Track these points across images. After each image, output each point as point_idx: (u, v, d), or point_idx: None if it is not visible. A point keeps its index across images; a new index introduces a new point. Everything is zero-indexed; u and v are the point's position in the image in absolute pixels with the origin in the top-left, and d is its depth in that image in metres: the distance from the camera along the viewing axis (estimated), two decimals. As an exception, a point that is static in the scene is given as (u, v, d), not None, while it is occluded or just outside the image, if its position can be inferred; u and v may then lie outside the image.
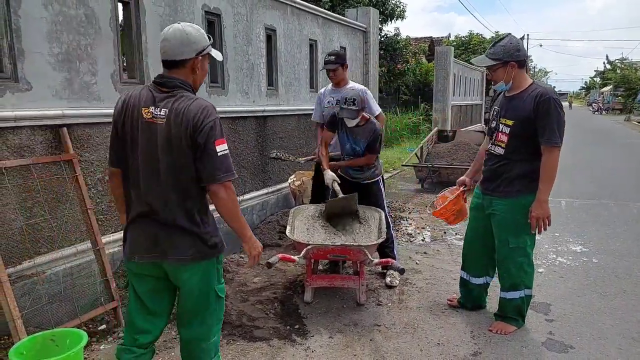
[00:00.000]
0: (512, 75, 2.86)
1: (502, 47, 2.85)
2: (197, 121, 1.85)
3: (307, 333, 3.10)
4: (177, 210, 1.92)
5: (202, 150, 1.86)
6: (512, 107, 2.90)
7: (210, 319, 2.08)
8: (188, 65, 1.95)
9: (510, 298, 3.11)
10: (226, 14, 4.56)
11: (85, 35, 3.15)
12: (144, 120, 1.89)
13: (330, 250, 3.27)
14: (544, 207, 2.84)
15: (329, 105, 4.32)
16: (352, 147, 3.93)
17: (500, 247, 3.06)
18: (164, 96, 1.91)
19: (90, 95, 3.21)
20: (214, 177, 1.88)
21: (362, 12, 8.13)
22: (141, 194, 1.93)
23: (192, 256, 1.95)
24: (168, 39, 1.93)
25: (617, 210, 6.50)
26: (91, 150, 3.23)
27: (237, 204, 2.00)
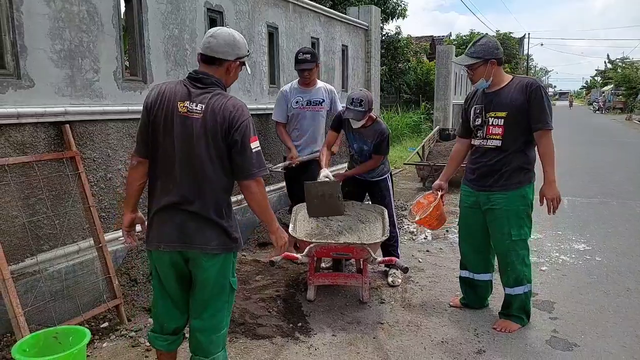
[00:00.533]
0: (492, 73, 2.96)
1: (482, 45, 2.97)
2: (233, 118, 1.96)
3: (310, 331, 3.09)
4: (209, 201, 2.01)
5: (239, 146, 1.96)
6: (500, 100, 2.97)
7: (222, 310, 2.14)
8: (225, 66, 2.06)
9: (516, 294, 3.10)
10: (228, 12, 4.55)
11: (88, 32, 3.14)
12: (179, 114, 1.97)
13: (334, 248, 3.26)
14: (554, 187, 2.97)
15: (297, 105, 4.17)
16: (360, 147, 3.87)
17: (502, 241, 3.06)
18: (200, 92, 2.00)
19: (92, 92, 3.20)
20: (249, 172, 2.00)
21: (364, 11, 8.12)
22: (175, 184, 1.99)
23: (216, 247, 2.03)
24: (215, 36, 2.04)
25: (619, 208, 6.49)
26: (93, 148, 3.22)
27: (267, 197, 2.11)
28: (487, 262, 3.31)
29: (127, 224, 2.22)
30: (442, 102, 14.55)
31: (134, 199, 2.17)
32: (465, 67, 3.04)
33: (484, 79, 2.98)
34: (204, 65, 2.06)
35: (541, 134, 2.91)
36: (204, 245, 2.02)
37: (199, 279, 2.08)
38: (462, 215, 3.32)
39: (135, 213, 2.22)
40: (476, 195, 3.14)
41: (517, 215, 3.01)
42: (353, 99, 3.63)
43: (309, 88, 4.18)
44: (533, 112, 2.88)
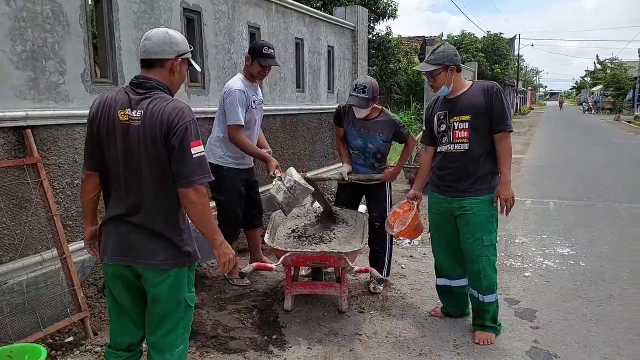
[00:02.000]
0: (452, 79, 2.97)
1: (441, 52, 2.98)
2: (172, 122, 1.84)
3: (285, 344, 2.99)
4: (155, 213, 1.91)
5: (177, 152, 1.84)
6: (463, 105, 2.98)
7: (177, 327, 2.04)
8: (167, 66, 1.95)
9: (489, 302, 3.03)
10: (206, 11, 4.43)
11: (52, 32, 3.01)
12: (120, 123, 1.88)
13: (310, 257, 3.16)
14: (509, 187, 2.96)
15: (255, 105, 3.65)
16: (363, 144, 3.62)
17: (475, 246, 3.00)
18: (140, 97, 1.90)
19: (57, 95, 3.07)
20: (187, 179, 1.86)
21: (351, 11, 8.01)
22: (121, 195, 1.92)
23: (163, 262, 1.93)
24: (149, 37, 1.95)
25: (605, 211, 6.45)
26: (59, 153, 3.09)
27: (209, 207, 1.96)
28: (462, 267, 3.22)
29: (87, 237, 2.14)
30: (432, 103, 14.49)
31: (90, 212, 2.10)
32: (426, 75, 3.04)
33: (445, 85, 2.99)
34: (145, 70, 1.97)
35: (501, 136, 2.94)
36: (149, 260, 1.92)
37: (150, 294, 1.98)
38: (433, 222, 3.25)
39: (95, 225, 2.12)
40: (448, 201, 3.07)
41: (487, 220, 3.00)
42: (357, 85, 3.46)
43: (255, 84, 3.72)
44: (494, 115, 2.91)
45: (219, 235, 2.00)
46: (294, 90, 6.20)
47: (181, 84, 2.09)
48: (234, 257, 2.06)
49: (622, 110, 35.19)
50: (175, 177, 1.87)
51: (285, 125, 5.98)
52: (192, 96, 4.34)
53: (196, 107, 4.05)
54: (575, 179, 8.87)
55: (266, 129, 5.54)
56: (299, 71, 6.37)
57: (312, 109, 6.64)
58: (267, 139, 5.55)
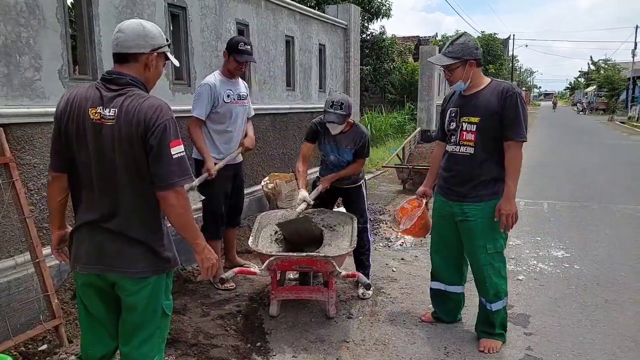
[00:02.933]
0: (470, 74, 2.76)
1: (461, 45, 2.75)
2: (149, 121, 1.72)
3: (269, 352, 2.87)
4: (132, 218, 1.78)
5: (155, 152, 1.72)
6: (474, 105, 2.79)
7: (153, 337, 1.92)
8: (141, 61, 1.83)
9: (497, 310, 2.91)
10: (192, 7, 4.30)
11: (27, 26, 2.88)
12: (92, 122, 1.75)
13: (296, 261, 3.05)
14: (513, 203, 2.76)
15: (229, 100, 3.60)
16: (336, 158, 3.66)
17: (478, 254, 2.86)
18: (113, 95, 1.76)
19: (32, 92, 2.94)
20: (167, 181, 1.74)
21: (343, 9, 7.91)
22: (94, 199, 1.78)
23: (142, 270, 1.81)
24: (122, 30, 1.82)
25: (600, 213, 6.38)
26: (34, 153, 2.96)
27: (190, 210, 1.83)
28: (460, 274, 3.12)
29: (55, 242, 2.01)
30: (426, 103, 14.42)
31: (57, 216, 1.96)
32: (442, 67, 2.83)
33: (461, 81, 2.78)
34: (118, 65, 1.83)
35: (510, 145, 2.72)
36: (127, 269, 1.80)
37: (126, 303, 1.86)
38: (435, 225, 3.12)
39: (63, 229, 1.99)
40: (449, 205, 2.94)
41: (491, 227, 2.81)
42: (333, 102, 3.40)
43: (234, 80, 3.69)
44: (505, 121, 2.69)
45: (201, 240, 1.89)
46: (284, 88, 6.09)
47: (157, 80, 1.95)
48: (217, 262, 1.95)
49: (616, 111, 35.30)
50: (153, 179, 1.75)
51: (275, 125, 5.86)
52: (177, 94, 4.22)
53: (182, 106, 3.94)
54: (569, 180, 8.80)
55: (256, 128, 5.41)
56: (290, 69, 6.26)
57: (303, 108, 6.53)
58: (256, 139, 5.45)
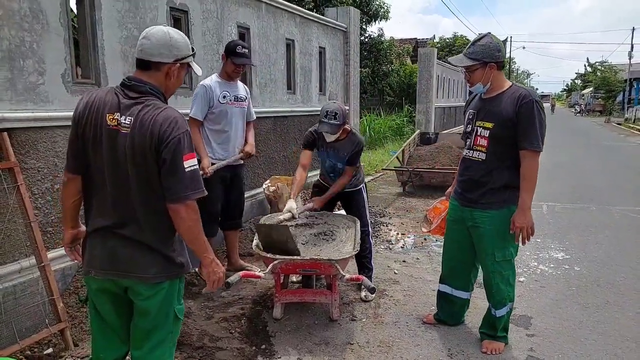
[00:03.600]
0: (491, 77, 2.71)
1: (482, 46, 2.68)
2: (163, 134, 1.71)
3: (274, 354, 2.88)
4: (145, 225, 1.79)
5: (169, 165, 1.72)
6: (491, 110, 2.73)
7: (165, 342, 1.93)
8: (163, 70, 1.82)
9: (500, 316, 2.91)
10: (194, 11, 4.32)
11: (31, 31, 2.89)
12: (108, 127, 1.75)
13: (300, 264, 3.06)
14: (528, 215, 2.68)
15: (225, 101, 3.66)
16: (332, 164, 3.68)
17: (487, 262, 2.86)
18: (131, 102, 1.76)
19: (37, 96, 2.95)
20: (179, 194, 1.74)
21: (343, 12, 7.94)
22: (107, 205, 1.79)
23: (155, 275, 1.82)
24: (149, 37, 1.81)
25: (599, 214, 6.41)
26: (38, 157, 2.96)
27: (200, 224, 1.83)
28: (467, 280, 3.11)
29: (67, 240, 2.00)
30: (424, 105, 14.46)
31: (70, 216, 1.95)
32: (462, 68, 2.79)
33: (481, 83, 2.71)
34: (139, 71, 1.82)
35: (525, 155, 2.63)
36: (141, 274, 1.80)
37: (139, 307, 1.87)
38: (447, 229, 3.10)
39: (76, 228, 1.99)
40: (461, 210, 2.92)
41: (500, 236, 2.78)
42: (327, 112, 3.42)
43: (232, 82, 3.75)
44: (520, 129, 2.61)
45: (209, 253, 1.89)
46: (285, 91, 6.11)
47: (176, 89, 1.95)
48: (223, 275, 1.96)
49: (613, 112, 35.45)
50: (165, 191, 1.75)
51: (276, 128, 5.88)
52: (180, 97, 4.23)
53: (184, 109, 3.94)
54: (567, 182, 8.84)
55: (257, 131, 5.44)
56: (290, 72, 6.28)
57: (303, 110, 6.55)
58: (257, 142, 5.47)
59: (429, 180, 7.81)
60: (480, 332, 3.06)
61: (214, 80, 3.69)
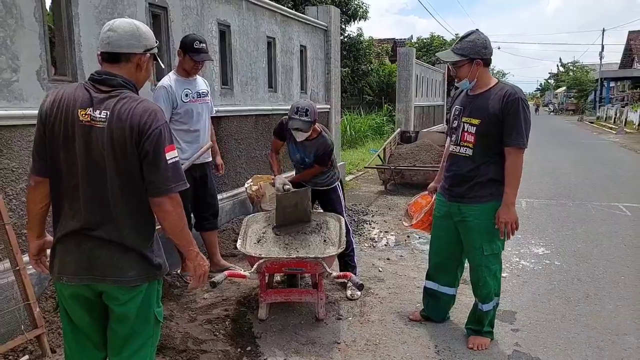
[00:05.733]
0: (477, 74, 2.72)
1: (469, 42, 2.70)
2: (144, 126, 1.66)
3: (260, 356, 2.84)
4: (124, 223, 1.72)
5: (151, 158, 1.67)
6: (477, 106, 2.75)
7: (145, 346, 1.87)
8: (134, 61, 1.77)
9: (487, 310, 2.94)
10: (173, 7, 4.23)
11: (4, 26, 2.77)
12: (81, 124, 1.68)
13: (285, 263, 3.03)
14: (512, 211, 2.72)
15: (188, 99, 3.57)
16: (302, 158, 3.67)
17: (474, 255, 2.88)
18: (104, 96, 1.70)
19: (10, 94, 2.84)
20: (163, 187, 1.69)
21: (323, 11, 7.91)
22: (80, 207, 1.71)
23: (135, 278, 1.75)
24: (114, 29, 1.75)
25: (575, 210, 6.55)
26: (12, 157, 2.85)
27: (184, 217, 1.79)
28: (453, 276, 3.12)
29: (34, 251, 1.90)
30: (404, 104, 14.55)
31: (37, 224, 1.85)
32: (450, 64, 2.80)
33: (467, 79, 2.74)
34: (108, 65, 1.75)
35: (509, 151, 2.68)
36: (119, 278, 1.73)
37: (116, 312, 1.79)
38: (434, 226, 3.11)
39: (42, 237, 1.90)
40: (448, 205, 2.94)
41: (488, 230, 2.80)
42: (298, 108, 3.36)
43: (191, 78, 3.64)
44: (506, 126, 2.65)
45: (195, 247, 1.84)
46: (266, 90, 6.05)
47: (146, 81, 1.91)
48: (208, 269, 1.91)
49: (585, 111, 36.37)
50: (147, 185, 1.70)
51: (257, 126, 5.82)
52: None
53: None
54: (545, 179, 9.01)
55: (238, 130, 5.38)
56: (271, 71, 6.23)
57: (285, 109, 6.46)
58: (239, 140, 5.41)
59: (410, 178, 7.86)
60: (466, 328, 3.07)
61: (173, 79, 3.56)
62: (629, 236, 5.29)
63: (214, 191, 3.99)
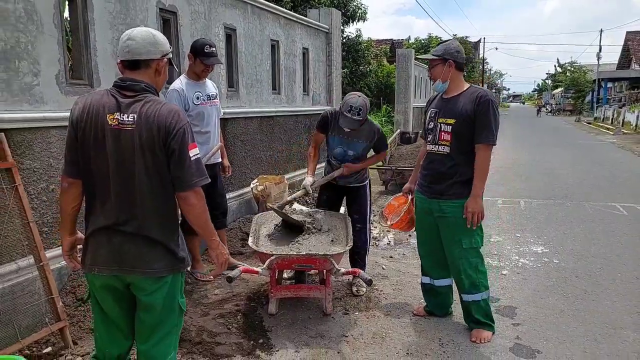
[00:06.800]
0: (450, 75, 2.98)
1: (445, 46, 3.02)
2: (170, 126, 1.80)
3: (272, 348, 2.96)
4: (152, 219, 1.86)
5: (177, 156, 1.82)
6: (451, 107, 3.00)
7: (170, 335, 2.01)
8: (153, 66, 1.90)
9: (473, 301, 3.08)
10: (182, 12, 4.35)
11: (26, 32, 2.89)
12: (110, 127, 1.81)
13: (295, 260, 3.14)
14: (479, 202, 2.94)
15: (199, 102, 3.68)
16: (343, 151, 3.66)
17: (453, 249, 3.06)
18: (130, 101, 1.83)
19: (32, 97, 2.95)
20: (188, 182, 1.84)
21: (325, 13, 8.04)
22: (110, 205, 1.84)
23: (161, 270, 1.89)
24: (134, 37, 1.88)
25: (573, 210, 6.68)
26: (33, 157, 2.97)
27: (207, 210, 1.96)
28: (445, 267, 3.26)
29: (66, 248, 2.04)
30: (403, 105, 14.69)
31: (69, 222, 1.99)
32: (428, 66, 3.07)
33: (440, 80, 2.99)
34: (129, 72, 1.89)
35: (480, 147, 2.91)
36: (146, 269, 1.87)
37: (144, 302, 1.92)
38: (418, 221, 3.30)
39: (74, 235, 2.03)
40: (428, 202, 3.12)
41: (466, 224, 2.97)
42: (352, 107, 3.37)
43: (201, 81, 3.75)
44: (477, 125, 2.89)
45: (216, 237, 2.03)
46: (270, 92, 6.17)
47: (164, 84, 2.05)
48: (228, 257, 2.09)
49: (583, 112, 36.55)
50: (174, 181, 1.85)
51: (262, 128, 5.94)
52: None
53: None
54: (542, 179, 9.15)
55: (243, 131, 5.50)
56: (275, 73, 6.35)
57: (288, 110, 6.63)
58: (244, 142, 5.53)
59: (411, 179, 7.98)
60: (466, 321, 3.21)
61: (184, 82, 3.67)
62: (626, 235, 5.43)
63: (223, 191, 4.10)
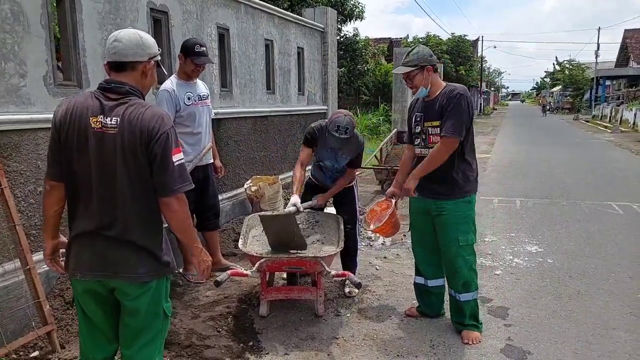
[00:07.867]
0: (430, 80, 2.99)
1: (416, 54, 3.01)
2: (153, 130, 1.77)
3: (262, 350, 2.94)
4: (135, 223, 1.83)
5: (159, 160, 1.79)
6: (434, 110, 3.02)
7: (155, 339, 1.98)
8: (139, 69, 1.87)
9: (466, 301, 3.08)
10: (174, 12, 4.33)
11: (12, 33, 2.87)
12: (93, 130, 1.78)
13: (286, 262, 3.12)
14: (413, 183, 3.02)
15: (190, 102, 3.66)
16: (332, 164, 3.68)
17: (450, 246, 3.06)
18: (114, 104, 1.80)
19: (18, 99, 2.93)
20: (170, 188, 1.81)
21: (320, 12, 8.02)
22: (93, 209, 1.82)
23: (145, 275, 1.86)
24: (120, 39, 1.85)
25: (569, 209, 6.67)
26: (20, 160, 2.94)
27: (190, 216, 1.93)
28: (439, 267, 3.27)
29: (48, 252, 2.01)
30: (400, 104, 14.63)
31: (52, 226, 1.96)
32: (404, 77, 3.06)
33: (423, 86, 3.01)
34: (115, 74, 1.86)
35: (442, 139, 2.93)
36: (130, 274, 1.84)
37: (128, 307, 1.90)
38: (413, 221, 3.31)
39: (56, 238, 2.00)
40: (424, 202, 3.13)
41: (464, 221, 3.04)
42: (339, 126, 3.34)
43: (192, 82, 3.73)
44: (446, 117, 2.91)
45: (199, 243, 1.98)
46: (264, 92, 6.15)
47: (151, 87, 2.02)
48: (211, 264, 2.05)
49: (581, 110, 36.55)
50: (156, 186, 1.82)
51: (256, 128, 5.92)
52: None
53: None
54: (539, 178, 9.14)
55: (237, 132, 5.47)
56: (269, 73, 6.33)
57: (283, 110, 6.61)
58: (238, 142, 5.51)
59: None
60: (453, 323, 3.20)
61: (175, 82, 3.64)
62: (621, 234, 5.42)
63: (216, 192, 4.09)
